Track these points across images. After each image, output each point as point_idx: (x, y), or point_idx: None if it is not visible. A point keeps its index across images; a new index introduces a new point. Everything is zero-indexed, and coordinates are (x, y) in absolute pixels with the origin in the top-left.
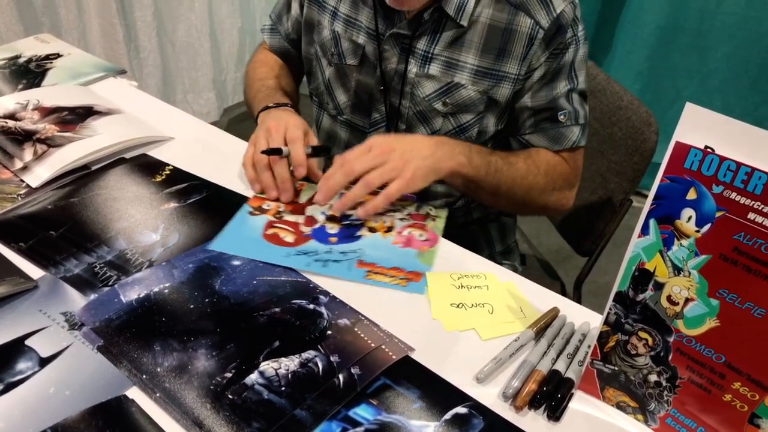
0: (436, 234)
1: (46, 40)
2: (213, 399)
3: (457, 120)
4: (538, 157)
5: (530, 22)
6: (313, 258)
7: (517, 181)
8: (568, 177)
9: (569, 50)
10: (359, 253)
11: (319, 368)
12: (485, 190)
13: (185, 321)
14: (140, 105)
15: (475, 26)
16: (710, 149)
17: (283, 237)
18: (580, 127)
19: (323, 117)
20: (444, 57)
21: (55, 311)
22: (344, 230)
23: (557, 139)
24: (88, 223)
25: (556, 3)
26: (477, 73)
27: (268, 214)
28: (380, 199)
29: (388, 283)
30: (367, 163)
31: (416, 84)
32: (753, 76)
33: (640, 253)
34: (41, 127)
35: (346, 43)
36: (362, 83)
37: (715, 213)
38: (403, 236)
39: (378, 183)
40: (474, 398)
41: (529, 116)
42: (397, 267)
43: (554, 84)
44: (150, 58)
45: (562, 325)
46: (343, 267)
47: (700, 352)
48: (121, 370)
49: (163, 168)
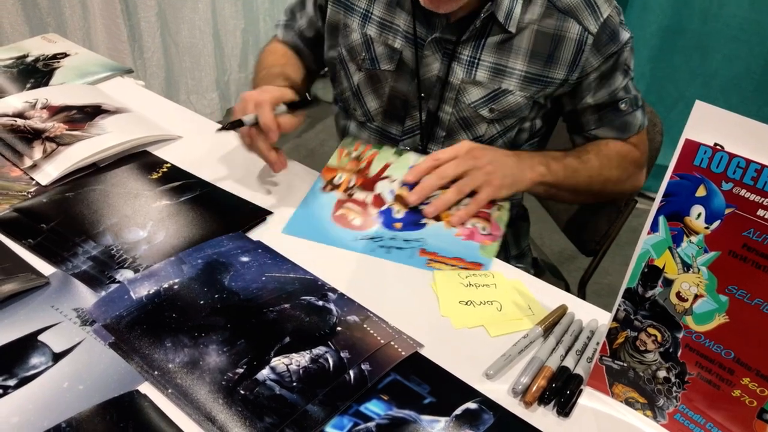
0: (500, 226)
1: (53, 40)
2: (225, 394)
3: (502, 124)
4: (608, 150)
5: (579, 28)
6: (378, 244)
7: (594, 177)
8: (638, 161)
9: (624, 52)
10: (422, 242)
11: (330, 364)
12: (565, 191)
13: (195, 317)
14: (148, 104)
15: (523, 32)
16: (720, 146)
17: (351, 219)
18: (641, 109)
19: (350, 123)
20: (490, 62)
21: (67, 307)
22: (410, 215)
23: (623, 127)
24: (79, 218)
25: (603, 8)
26: (526, 79)
27: (339, 190)
28: (472, 207)
29: (450, 268)
30: (459, 168)
31: (462, 90)
32: (756, 78)
33: (649, 249)
34: (50, 126)
35: (381, 48)
36: (397, 89)
37: (725, 210)
38: (466, 228)
39: (469, 190)
40: (484, 394)
41: (593, 113)
42: (457, 257)
43: (612, 80)
44: (154, 59)
45: (570, 323)
46: (405, 254)
47: (710, 348)
48: (132, 366)
49: (161, 165)
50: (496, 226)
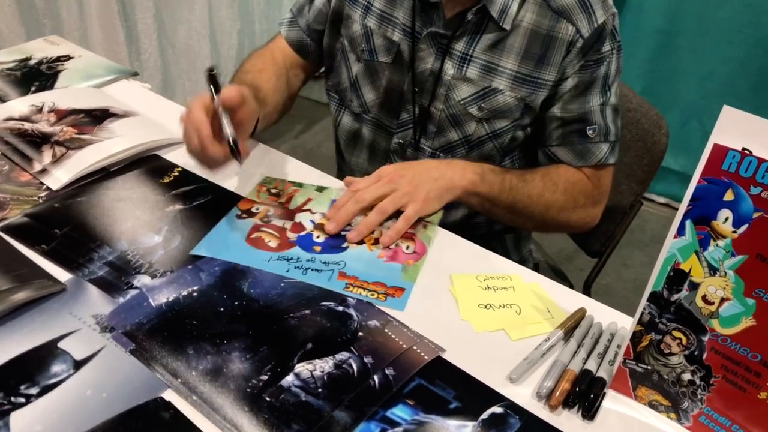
0: (425, 244)
1: (56, 42)
2: (251, 402)
3: (492, 126)
4: (556, 174)
5: (572, 29)
6: (294, 265)
7: (534, 199)
8: (590, 194)
9: (605, 63)
10: (341, 265)
11: (354, 369)
12: (501, 208)
13: (216, 324)
14: (154, 107)
15: (517, 31)
16: (748, 151)
17: (267, 241)
18: (609, 144)
19: (343, 115)
20: (482, 60)
21: (86, 314)
22: (330, 240)
23: (583, 154)
24: (92, 223)
25: (598, 13)
26: (516, 79)
27: (255, 218)
28: (401, 224)
29: (367, 296)
30: (378, 191)
31: (452, 86)
32: (752, 79)
33: (675, 253)
34: (58, 130)
35: (380, 40)
36: (393, 82)
37: (753, 214)
38: (389, 249)
39: (392, 209)
40: (508, 398)
41: (557, 127)
42: (378, 282)
43: (587, 97)
44: (150, 60)
45: (590, 325)
46: (323, 277)
47: (735, 351)
48: (155, 374)
49: (172, 170)
50: (421, 244)
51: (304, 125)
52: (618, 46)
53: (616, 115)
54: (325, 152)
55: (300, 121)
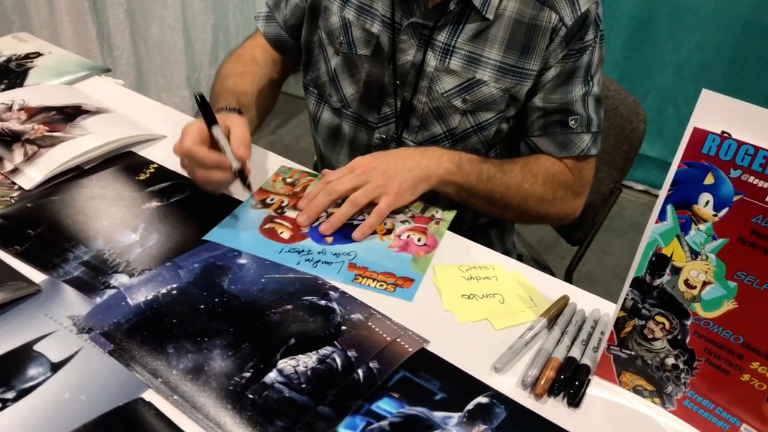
0: (436, 239)
1: (25, 39)
2: (233, 399)
3: (476, 118)
4: (536, 165)
5: (555, 17)
6: (304, 257)
7: (512, 189)
8: (571, 186)
9: (587, 52)
10: (352, 256)
11: (338, 364)
12: (479, 198)
13: (197, 322)
14: (128, 103)
15: (500, 20)
16: (727, 134)
17: (279, 233)
18: (591, 135)
19: (323, 110)
20: (466, 51)
21: (62, 315)
22: (343, 230)
23: (564, 145)
24: (67, 223)
25: (582, 1)
26: (500, 69)
27: (270, 209)
28: (373, 218)
29: (376, 288)
30: (351, 183)
31: (435, 78)
32: (725, 65)
33: (657, 238)
34: (29, 128)
35: (358, 32)
36: (374, 75)
37: (733, 197)
38: (401, 240)
39: (364, 201)
40: (493, 388)
41: (539, 117)
42: (388, 272)
43: (569, 86)
44: (123, 57)
45: (573, 313)
46: (332, 269)
47: (718, 334)
48: (135, 374)
49: (148, 166)
50: (432, 238)
51: (281, 120)
52: (601, 35)
53: (599, 106)
54: (304, 146)
55: (277, 116)
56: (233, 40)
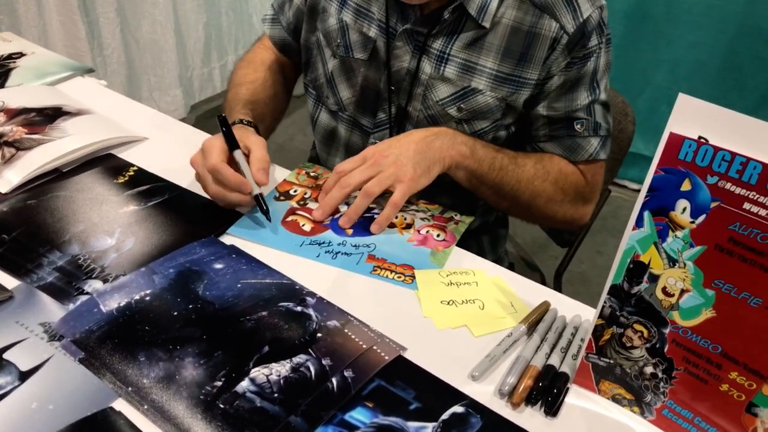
0: (455, 235)
1: (8, 39)
2: (204, 409)
3: (472, 126)
4: (550, 163)
5: (555, 25)
6: (325, 249)
7: (523, 184)
8: (582, 190)
9: (592, 59)
10: (371, 248)
11: (312, 372)
12: (488, 187)
13: (170, 329)
14: (110, 104)
15: (497, 28)
16: (704, 140)
17: (301, 225)
18: (600, 138)
19: (321, 111)
20: (461, 59)
21: (33, 322)
22: (363, 222)
23: (573, 149)
24: (43, 227)
25: (584, 7)
26: (496, 78)
27: (293, 201)
28: (389, 210)
29: (394, 279)
30: (363, 175)
31: (429, 86)
32: (719, 63)
33: (634, 245)
34: (8, 130)
35: (355, 35)
36: (370, 80)
37: (710, 204)
38: (420, 234)
39: (378, 190)
40: (470, 396)
41: (544, 125)
42: (406, 264)
43: (574, 94)
44: (114, 56)
45: (554, 319)
46: (351, 261)
47: (696, 343)
48: (105, 383)
49: (127, 169)
50: (451, 234)
51: None
52: (607, 39)
53: (607, 111)
54: (297, 145)
55: None
56: (226, 38)
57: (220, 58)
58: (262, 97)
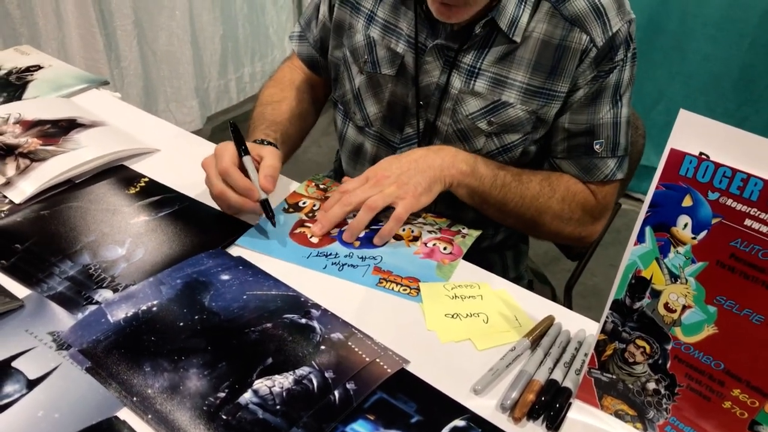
0: (462, 249)
1: (27, 52)
2: (207, 420)
3: (502, 140)
4: (557, 182)
5: (585, 38)
6: (331, 261)
7: (526, 201)
8: (591, 209)
9: (615, 71)
10: (378, 260)
11: (314, 385)
12: (491, 205)
13: (175, 340)
14: (124, 117)
15: (527, 42)
16: (705, 156)
17: (309, 237)
18: (617, 159)
19: (348, 127)
20: (491, 73)
21: (42, 331)
22: (370, 234)
23: (588, 169)
24: (55, 237)
25: (613, 21)
26: (527, 91)
27: (302, 212)
28: (392, 223)
29: (399, 291)
30: (365, 194)
31: (459, 100)
32: (734, 76)
33: (636, 260)
34: (24, 141)
35: (383, 51)
36: (397, 95)
37: (712, 220)
38: (427, 247)
39: (381, 205)
40: (472, 410)
41: (564, 139)
42: (412, 276)
43: (596, 107)
44: (131, 68)
45: (558, 334)
46: (358, 273)
47: (699, 360)
48: (111, 392)
49: (139, 180)
50: (458, 248)
51: None
52: (633, 54)
53: (628, 127)
54: (311, 157)
55: None
56: (242, 51)
57: (236, 70)
58: (287, 117)
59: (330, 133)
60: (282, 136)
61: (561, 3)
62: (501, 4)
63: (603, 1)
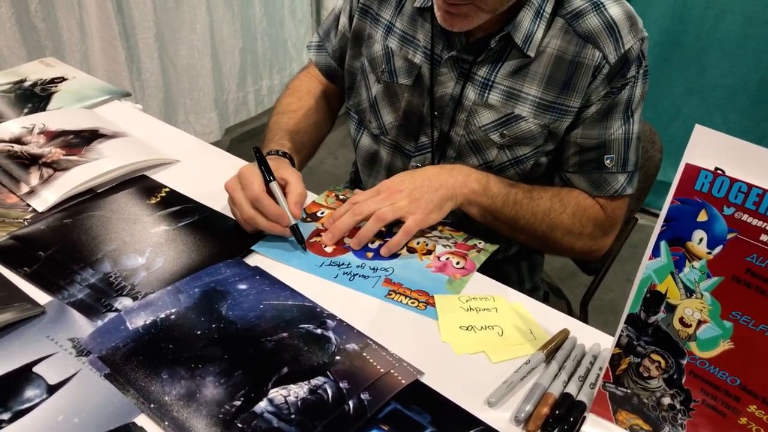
0: (475, 263)
1: (51, 64)
2: (222, 428)
3: (514, 152)
4: (567, 197)
5: (598, 54)
6: (343, 271)
7: (538, 217)
8: (601, 223)
9: (627, 88)
10: (389, 272)
11: (329, 395)
12: (503, 222)
13: (192, 348)
14: (145, 128)
15: (541, 57)
16: (720, 171)
17: (324, 246)
18: (627, 175)
19: (362, 135)
20: (505, 86)
21: (63, 337)
22: (383, 246)
23: (599, 184)
24: (77, 245)
25: (626, 39)
26: (540, 106)
27: (319, 222)
28: (400, 236)
29: (407, 304)
30: (376, 206)
31: (473, 112)
32: (752, 93)
33: (651, 275)
34: (47, 151)
35: (400, 61)
36: (413, 105)
37: (727, 235)
38: (440, 261)
39: (390, 217)
40: (486, 422)
41: (575, 153)
42: (421, 290)
43: (607, 123)
44: (152, 80)
45: (573, 347)
46: (368, 283)
47: (715, 375)
48: (128, 398)
49: (160, 190)
50: (471, 262)
51: None
52: (645, 71)
53: (639, 143)
54: (327, 168)
55: None
56: (261, 63)
57: (255, 82)
58: (303, 126)
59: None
60: (297, 146)
61: (575, 20)
62: (517, 20)
63: (616, 18)
